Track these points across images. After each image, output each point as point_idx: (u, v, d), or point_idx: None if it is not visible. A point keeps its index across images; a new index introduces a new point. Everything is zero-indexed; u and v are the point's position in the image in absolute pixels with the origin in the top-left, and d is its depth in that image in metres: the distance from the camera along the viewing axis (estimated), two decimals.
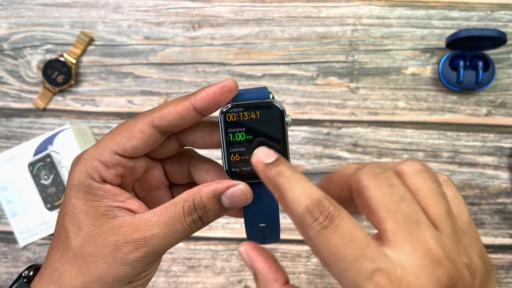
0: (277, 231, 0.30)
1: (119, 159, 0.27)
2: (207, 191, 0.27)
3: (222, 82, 0.27)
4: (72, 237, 0.27)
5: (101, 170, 0.27)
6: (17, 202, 0.54)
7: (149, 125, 0.27)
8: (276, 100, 0.28)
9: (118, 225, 0.26)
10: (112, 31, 0.57)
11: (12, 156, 0.54)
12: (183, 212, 0.26)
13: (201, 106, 0.27)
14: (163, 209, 0.27)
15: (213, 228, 0.56)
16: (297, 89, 0.56)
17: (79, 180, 0.27)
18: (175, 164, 0.31)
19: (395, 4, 0.56)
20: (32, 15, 0.58)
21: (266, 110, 0.27)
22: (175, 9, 0.57)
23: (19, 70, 0.58)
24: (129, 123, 0.28)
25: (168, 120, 0.27)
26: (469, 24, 0.56)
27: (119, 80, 0.57)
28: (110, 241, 0.26)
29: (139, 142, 0.27)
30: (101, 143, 0.27)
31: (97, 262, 0.26)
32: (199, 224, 0.27)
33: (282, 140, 0.28)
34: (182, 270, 0.56)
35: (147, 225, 0.26)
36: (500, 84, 0.56)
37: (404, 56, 0.56)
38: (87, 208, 0.27)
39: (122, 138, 0.27)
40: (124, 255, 0.26)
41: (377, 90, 0.56)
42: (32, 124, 0.57)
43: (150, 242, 0.26)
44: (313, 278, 0.55)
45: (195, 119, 0.27)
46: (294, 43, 0.57)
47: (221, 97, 0.27)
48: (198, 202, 0.27)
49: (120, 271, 0.26)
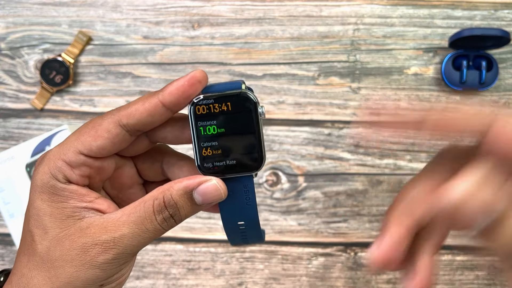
0: (257, 229, 0.29)
1: (84, 159, 0.26)
2: (178, 188, 0.26)
3: (190, 73, 0.26)
4: (38, 241, 0.26)
5: (65, 170, 0.26)
6: (15, 203, 0.53)
7: (115, 124, 0.26)
8: (249, 91, 0.26)
9: (85, 226, 0.25)
10: (110, 30, 0.57)
11: (10, 157, 0.53)
12: (153, 210, 0.25)
13: (170, 101, 0.26)
14: (133, 208, 0.26)
15: (212, 230, 0.55)
16: (298, 89, 0.56)
17: (42, 181, 0.26)
18: (148, 161, 0.30)
19: (397, 3, 0.56)
20: (29, 14, 0.57)
21: (238, 101, 0.26)
22: (175, 8, 0.57)
23: (16, 70, 0.57)
24: (95, 121, 0.27)
25: (136, 118, 0.26)
26: (472, 23, 0.55)
27: (118, 80, 0.57)
28: (78, 244, 0.25)
29: (105, 142, 0.26)
30: (66, 142, 0.26)
31: (65, 266, 0.25)
32: (171, 223, 0.26)
33: (257, 133, 0.26)
34: (182, 273, 0.55)
35: (116, 226, 0.25)
36: (504, 84, 0.55)
37: (406, 55, 0.55)
38: (52, 210, 0.26)
39: (87, 137, 0.26)
40: (93, 258, 0.25)
41: (379, 90, 0.55)
42: (30, 124, 0.57)
43: (120, 243, 0.25)
44: (314, 280, 0.54)
45: (164, 116, 0.26)
46: (295, 43, 0.56)
47: (191, 89, 0.26)
48: (169, 200, 0.25)
49: (90, 274, 0.25)
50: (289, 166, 0.55)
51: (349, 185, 0.55)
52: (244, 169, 0.27)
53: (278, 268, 0.55)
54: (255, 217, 0.28)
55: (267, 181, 0.55)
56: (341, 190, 0.55)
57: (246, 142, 0.26)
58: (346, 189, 0.55)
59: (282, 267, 0.55)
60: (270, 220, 0.55)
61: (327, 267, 0.54)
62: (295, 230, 0.55)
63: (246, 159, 0.26)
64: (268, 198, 0.55)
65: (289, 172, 0.55)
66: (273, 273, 0.55)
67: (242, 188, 0.27)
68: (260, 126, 0.26)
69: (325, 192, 0.55)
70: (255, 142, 0.26)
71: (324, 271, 0.54)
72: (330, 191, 0.55)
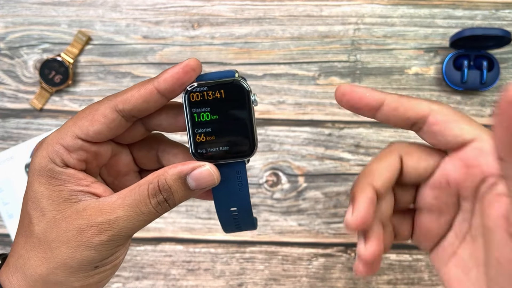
0: (250, 215, 0.29)
1: (81, 143, 0.27)
2: (172, 173, 0.26)
3: (185, 61, 0.27)
4: (35, 222, 0.26)
5: (63, 154, 0.26)
6: (14, 204, 0.53)
7: (112, 109, 0.26)
8: (242, 79, 0.27)
9: (81, 209, 0.26)
10: (110, 30, 0.57)
11: (9, 157, 0.53)
12: (148, 194, 0.26)
13: (165, 88, 0.26)
14: (128, 192, 0.26)
15: (213, 231, 0.55)
16: (298, 89, 0.55)
17: (40, 165, 0.26)
18: (143, 149, 0.31)
19: (398, 2, 0.55)
20: (28, 14, 0.57)
21: (231, 89, 0.27)
22: (174, 8, 0.56)
23: (15, 70, 0.57)
24: (92, 107, 0.27)
25: (132, 104, 0.26)
26: (473, 23, 0.55)
27: (118, 80, 0.56)
28: (74, 225, 0.26)
29: (101, 126, 0.27)
30: (64, 127, 0.27)
31: (61, 247, 0.26)
32: (164, 206, 0.27)
33: (249, 120, 0.27)
34: (181, 274, 0.55)
35: (111, 208, 0.26)
36: (505, 84, 0.55)
37: (407, 55, 0.55)
38: (50, 193, 0.26)
39: (84, 122, 0.27)
40: (88, 239, 0.26)
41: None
42: (29, 124, 0.57)
43: (115, 225, 0.26)
44: (314, 281, 0.54)
45: (159, 103, 0.27)
46: (295, 43, 0.56)
47: (185, 76, 0.26)
48: (163, 184, 0.26)
49: (85, 255, 0.26)
50: (290, 167, 0.55)
51: (350, 185, 0.54)
52: (236, 155, 0.27)
53: (279, 268, 0.54)
54: (247, 203, 0.29)
55: (267, 182, 0.55)
56: (341, 190, 0.55)
57: (238, 128, 0.27)
58: (346, 189, 0.55)
59: (282, 267, 0.54)
60: (270, 221, 0.55)
61: (328, 268, 0.54)
62: (295, 230, 0.54)
63: (238, 146, 0.27)
64: (268, 199, 0.55)
65: (289, 172, 0.55)
66: (273, 274, 0.54)
67: (235, 174, 0.28)
68: (252, 113, 0.27)
69: (325, 193, 0.55)
70: (248, 129, 0.27)
71: (324, 271, 0.54)
72: (330, 192, 0.55)
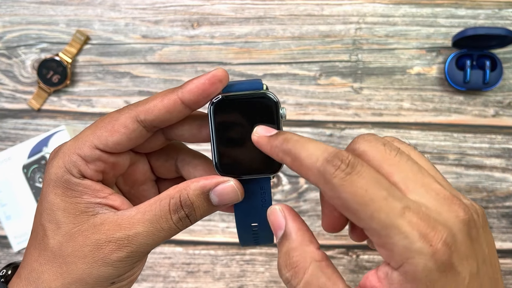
0: (270, 231, 0.28)
1: (99, 154, 0.26)
2: (195, 187, 0.25)
3: (212, 72, 0.25)
4: (50, 235, 0.25)
5: (80, 165, 0.25)
6: (11, 205, 0.53)
7: (133, 119, 0.25)
8: (270, 92, 0.26)
9: (99, 222, 0.25)
10: (108, 29, 0.56)
11: (6, 158, 0.53)
12: (169, 209, 0.25)
13: (189, 99, 0.25)
14: (148, 206, 0.25)
15: (212, 233, 0.54)
16: (299, 89, 0.55)
17: (56, 175, 0.25)
18: (162, 158, 0.29)
19: (400, 1, 0.55)
20: (26, 13, 0.56)
21: (259, 102, 0.26)
22: (174, 7, 0.56)
23: (13, 69, 0.56)
24: (112, 116, 0.26)
25: (154, 115, 0.25)
26: (476, 23, 0.55)
27: (116, 80, 0.56)
28: (91, 240, 0.25)
29: (121, 137, 0.25)
30: (82, 136, 0.26)
31: (77, 263, 0.25)
32: (186, 222, 0.26)
33: None
34: (181, 276, 0.54)
35: (131, 223, 0.25)
36: (508, 84, 0.54)
37: (409, 55, 0.55)
38: (66, 205, 0.25)
39: (103, 132, 0.25)
40: (106, 255, 0.25)
41: (381, 91, 0.55)
42: (27, 125, 0.56)
43: (134, 241, 0.25)
44: None
45: (183, 114, 0.26)
46: (296, 42, 0.55)
47: (211, 88, 0.25)
48: (185, 199, 0.25)
49: (102, 271, 0.25)
50: None
51: None
52: (262, 171, 0.27)
53: None
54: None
55: None
56: None
57: None
58: None
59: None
60: None
61: None
62: None
63: (264, 161, 0.26)
64: None
65: (290, 173, 0.54)
66: (274, 276, 0.54)
67: (259, 189, 0.27)
68: (281, 127, 0.26)
69: None
70: None
71: None
72: None
